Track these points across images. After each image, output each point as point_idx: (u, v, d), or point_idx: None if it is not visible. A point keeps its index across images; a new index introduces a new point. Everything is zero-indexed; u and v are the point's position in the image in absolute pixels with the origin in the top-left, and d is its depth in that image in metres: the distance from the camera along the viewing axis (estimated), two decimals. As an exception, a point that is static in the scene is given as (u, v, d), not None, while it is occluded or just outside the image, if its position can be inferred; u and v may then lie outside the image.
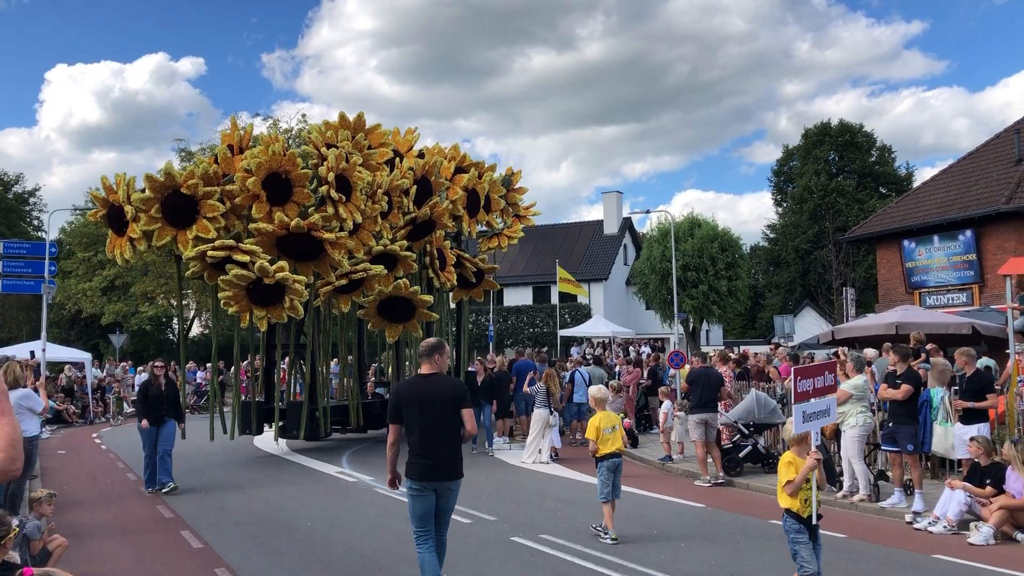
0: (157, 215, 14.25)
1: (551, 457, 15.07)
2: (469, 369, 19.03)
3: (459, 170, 19.00)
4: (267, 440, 17.27)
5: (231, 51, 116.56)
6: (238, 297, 14.32)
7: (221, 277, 14.12)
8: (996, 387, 11.38)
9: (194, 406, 26.36)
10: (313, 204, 14.90)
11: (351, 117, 16.30)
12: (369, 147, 16.07)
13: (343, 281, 15.36)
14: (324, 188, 14.72)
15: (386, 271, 15.88)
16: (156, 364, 13.10)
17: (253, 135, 15.86)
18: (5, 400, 2.71)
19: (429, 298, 16.65)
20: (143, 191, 14.28)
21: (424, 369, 6.38)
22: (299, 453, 16.69)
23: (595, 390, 9.46)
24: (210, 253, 14.04)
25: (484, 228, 20.60)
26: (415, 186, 16.85)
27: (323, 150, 15.20)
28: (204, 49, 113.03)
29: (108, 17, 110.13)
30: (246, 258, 13.98)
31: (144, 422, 12.27)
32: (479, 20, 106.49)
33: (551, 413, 15.24)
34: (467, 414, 6.27)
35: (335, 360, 21.49)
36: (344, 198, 14.95)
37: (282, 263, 14.13)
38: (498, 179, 20.26)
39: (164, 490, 12.11)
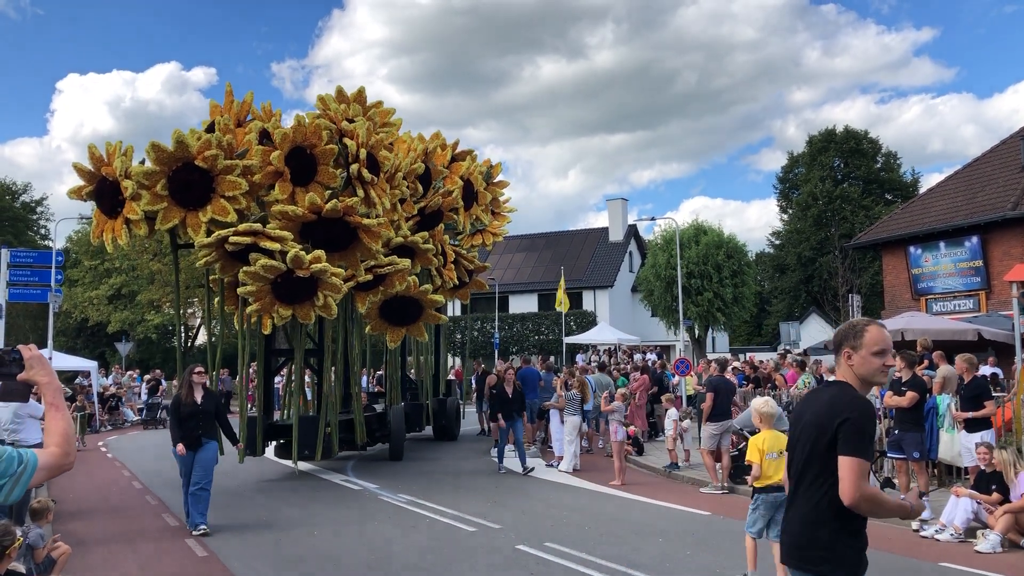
0: (163, 192, 12.05)
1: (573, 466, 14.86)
2: (483, 376, 18.54)
3: (453, 158, 17.62)
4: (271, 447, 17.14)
5: (242, 61, 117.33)
6: (261, 293, 12.27)
7: (244, 268, 12.07)
8: (1004, 394, 11.35)
9: None
10: (339, 185, 13.06)
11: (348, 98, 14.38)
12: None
13: (368, 276, 13.53)
14: (355, 166, 12.88)
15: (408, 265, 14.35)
16: (196, 370, 10.26)
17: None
18: (59, 396, 2.74)
19: (440, 298, 15.26)
20: (143, 163, 12.30)
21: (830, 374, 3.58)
22: (304, 461, 16.61)
23: (761, 403, 7.75)
24: (233, 239, 11.93)
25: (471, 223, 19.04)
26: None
27: (343, 124, 13.25)
28: (215, 59, 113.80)
29: (120, 27, 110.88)
30: (275, 246, 11.93)
31: (180, 446, 9.97)
32: (489, 29, 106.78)
33: (584, 420, 15.13)
34: (847, 465, 3.28)
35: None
36: (375, 179, 13.18)
37: (318, 252, 12.18)
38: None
39: (195, 532, 9.84)
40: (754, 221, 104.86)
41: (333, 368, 15.75)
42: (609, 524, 10.27)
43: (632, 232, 48.47)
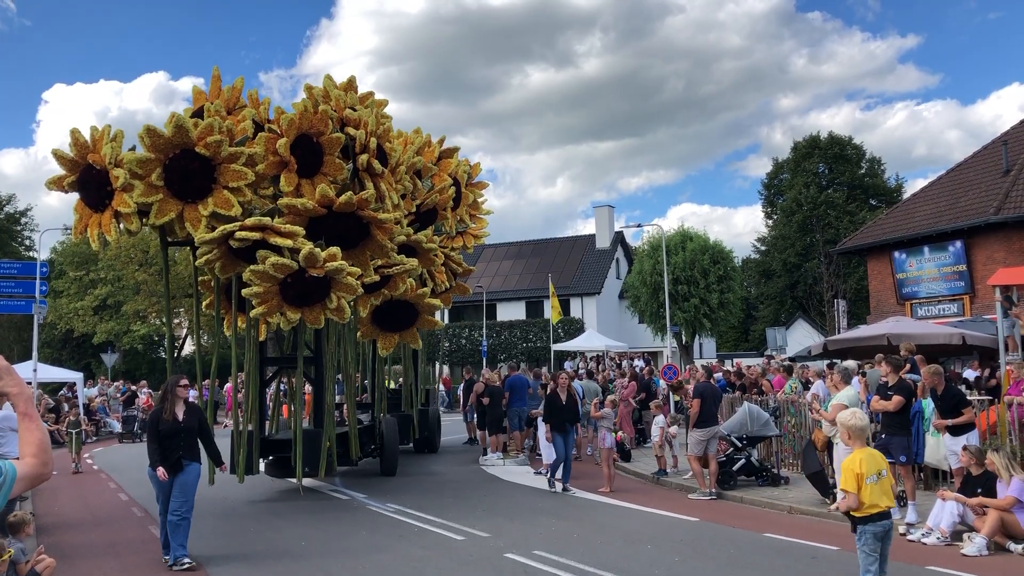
0: (159, 182, 10.91)
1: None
2: (469, 384, 18.07)
3: (440, 155, 16.85)
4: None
5: (230, 70, 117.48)
6: (268, 294, 11.13)
7: (251, 268, 10.98)
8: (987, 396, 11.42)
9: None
10: (345, 177, 12.17)
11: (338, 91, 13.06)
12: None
13: (375, 276, 12.55)
14: (364, 157, 12.00)
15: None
16: (181, 382, 9.16)
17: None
18: (31, 405, 2.73)
19: (438, 302, 14.50)
20: (133, 149, 11.23)
21: None
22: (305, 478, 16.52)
23: (848, 416, 6.25)
24: (239, 234, 10.85)
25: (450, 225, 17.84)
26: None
27: (346, 113, 12.25)
28: (203, 68, 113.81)
29: (108, 37, 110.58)
30: (287, 242, 10.86)
31: (160, 470, 8.81)
32: (478, 38, 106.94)
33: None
34: None
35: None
36: (384, 171, 12.25)
37: (333, 250, 11.14)
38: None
39: (178, 568, 8.68)
40: (741, 227, 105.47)
41: (351, 379, 14.90)
42: (597, 531, 10.27)
43: (619, 239, 48.61)
